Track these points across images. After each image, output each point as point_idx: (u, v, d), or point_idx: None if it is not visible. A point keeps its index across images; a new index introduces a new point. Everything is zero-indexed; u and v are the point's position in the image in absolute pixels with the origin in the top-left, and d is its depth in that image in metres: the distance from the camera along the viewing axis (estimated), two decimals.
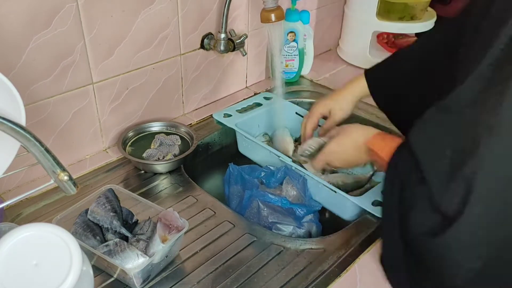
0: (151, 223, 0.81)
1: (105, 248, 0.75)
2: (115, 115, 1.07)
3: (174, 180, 1.01)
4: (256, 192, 0.96)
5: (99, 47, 0.97)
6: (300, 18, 1.36)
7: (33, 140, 0.52)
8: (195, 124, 1.21)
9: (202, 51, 1.18)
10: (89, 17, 0.92)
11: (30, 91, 0.90)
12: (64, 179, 0.54)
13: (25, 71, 0.87)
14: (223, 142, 1.21)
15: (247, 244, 0.86)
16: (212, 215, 0.92)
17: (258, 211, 0.94)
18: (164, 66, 1.12)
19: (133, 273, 0.72)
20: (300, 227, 0.93)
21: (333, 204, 0.97)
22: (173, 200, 0.96)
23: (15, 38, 0.84)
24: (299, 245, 0.86)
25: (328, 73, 1.50)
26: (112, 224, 0.78)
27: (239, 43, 1.20)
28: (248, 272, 0.80)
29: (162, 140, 1.07)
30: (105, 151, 1.09)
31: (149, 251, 0.75)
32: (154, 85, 1.12)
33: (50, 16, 0.87)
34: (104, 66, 0.99)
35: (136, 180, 1.01)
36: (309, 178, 0.97)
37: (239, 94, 1.35)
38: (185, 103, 1.22)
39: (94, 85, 1.00)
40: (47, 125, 0.95)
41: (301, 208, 0.95)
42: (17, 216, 0.89)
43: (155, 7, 1.03)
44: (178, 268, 0.80)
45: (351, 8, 1.51)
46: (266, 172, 1.02)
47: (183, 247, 0.84)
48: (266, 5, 0.98)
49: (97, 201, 0.81)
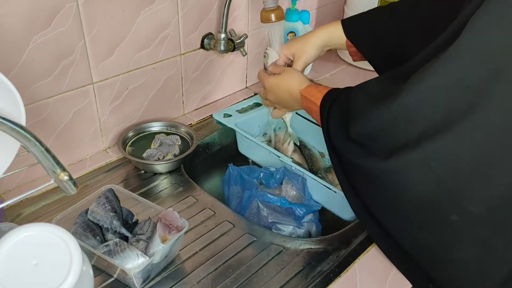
0: (151, 223, 0.81)
1: (105, 248, 0.75)
2: (115, 115, 1.07)
3: (174, 180, 1.01)
4: (256, 192, 0.96)
5: (99, 47, 0.97)
6: (300, 18, 1.36)
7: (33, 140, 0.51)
8: (195, 124, 1.21)
9: (202, 51, 1.18)
10: (89, 17, 0.92)
11: (30, 91, 0.90)
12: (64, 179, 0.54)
13: (25, 71, 0.87)
14: (223, 142, 1.21)
15: (247, 244, 0.86)
16: (212, 215, 0.92)
17: (257, 211, 0.94)
18: (164, 66, 1.12)
19: (133, 273, 0.72)
20: (300, 227, 0.93)
21: (333, 204, 0.97)
22: (173, 200, 0.96)
23: (15, 38, 0.84)
24: (299, 245, 0.86)
25: (328, 73, 1.50)
26: (112, 224, 0.78)
27: (239, 43, 1.20)
28: (248, 272, 0.80)
29: (162, 140, 1.07)
30: (105, 151, 1.09)
31: (149, 251, 0.75)
32: (154, 85, 1.12)
33: (50, 16, 0.87)
34: (104, 66, 0.99)
35: (136, 180, 1.01)
36: (309, 178, 0.97)
37: (239, 94, 1.35)
38: (185, 103, 1.22)
39: (94, 85, 1.00)
40: (47, 125, 0.95)
41: (300, 208, 0.95)
42: (17, 216, 0.89)
43: (155, 7, 1.03)
44: (178, 268, 0.80)
45: (351, 8, 1.51)
46: (265, 173, 1.02)
47: (183, 247, 0.84)
48: (266, 5, 0.98)
49: (97, 201, 0.81)
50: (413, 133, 0.63)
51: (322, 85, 0.87)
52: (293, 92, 0.90)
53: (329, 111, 0.78)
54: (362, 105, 0.70)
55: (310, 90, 0.86)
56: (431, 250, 0.70)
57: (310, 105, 0.85)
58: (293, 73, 0.93)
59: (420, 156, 0.62)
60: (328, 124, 0.78)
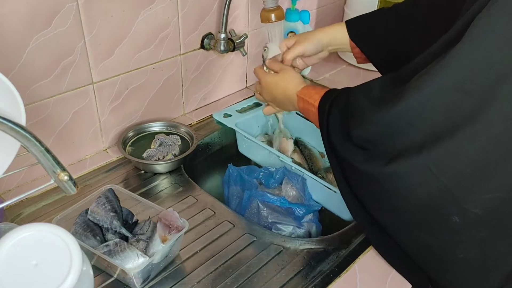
0: (151, 223, 0.81)
1: (105, 248, 0.75)
2: (115, 115, 1.07)
3: (174, 180, 1.01)
4: (256, 192, 0.96)
5: (99, 47, 0.97)
6: (300, 18, 1.36)
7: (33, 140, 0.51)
8: (195, 124, 1.21)
9: (202, 51, 1.18)
10: (89, 17, 0.92)
11: (30, 91, 0.90)
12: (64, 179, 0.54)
13: (25, 71, 0.87)
14: (223, 142, 1.21)
15: (247, 244, 0.86)
16: (212, 215, 0.92)
17: (257, 211, 0.94)
18: (164, 66, 1.12)
19: (133, 273, 0.72)
20: (300, 227, 0.93)
21: (333, 204, 0.97)
22: (173, 200, 0.96)
23: (15, 38, 0.84)
24: (299, 245, 0.86)
25: (328, 73, 1.50)
26: (112, 224, 0.78)
27: (239, 43, 1.20)
28: (248, 272, 0.80)
29: (162, 140, 1.07)
30: (105, 151, 1.09)
31: (149, 251, 0.75)
32: (154, 85, 1.12)
33: (50, 16, 0.87)
34: (104, 66, 0.99)
35: (136, 180, 1.01)
36: (309, 178, 0.97)
37: (239, 94, 1.35)
38: (185, 103, 1.22)
39: (94, 85, 1.00)
40: (47, 125, 0.95)
41: (300, 208, 0.95)
42: (17, 216, 0.89)
43: (155, 7, 1.03)
44: (178, 268, 0.80)
45: (351, 8, 1.51)
46: (264, 173, 1.02)
47: (183, 247, 0.84)
48: (266, 5, 0.98)
49: (97, 201, 0.81)
50: (415, 137, 0.62)
51: (319, 86, 0.87)
52: (288, 93, 0.90)
53: (329, 112, 0.78)
54: (363, 108, 0.70)
55: (307, 92, 0.86)
56: (432, 251, 0.70)
57: (308, 106, 0.84)
58: (290, 73, 0.92)
59: (422, 161, 0.62)
60: (329, 126, 0.77)
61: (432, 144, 0.61)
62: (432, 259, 0.71)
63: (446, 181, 0.61)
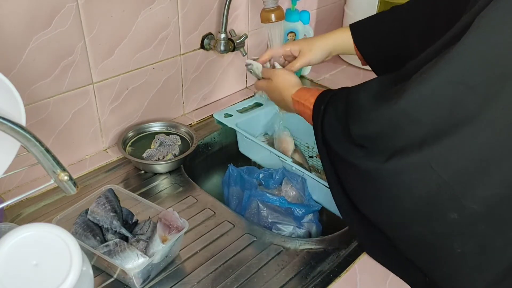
0: (151, 223, 0.81)
1: (105, 248, 0.75)
2: (115, 115, 1.07)
3: (174, 180, 1.01)
4: (255, 192, 0.96)
5: (99, 47, 0.97)
6: (300, 18, 1.36)
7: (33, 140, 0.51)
8: (195, 124, 1.21)
9: (202, 51, 1.18)
10: (89, 17, 0.92)
11: (30, 91, 0.90)
12: (64, 179, 0.54)
13: (25, 71, 0.87)
14: (223, 142, 1.21)
15: (247, 244, 0.86)
16: (212, 215, 0.92)
17: (257, 211, 0.94)
18: (164, 66, 1.12)
19: (133, 273, 0.72)
20: (300, 227, 0.93)
21: (333, 204, 0.96)
22: (173, 200, 0.96)
23: (15, 38, 0.84)
24: (299, 245, 0.86)
25: (328, 73, 1.50)
26: (112, 224, 0.78)
27: (239, 43, 1.20)
28: (248, 272, 0.80)
29: (162, 140, 1.07)
30: (105, 151, 1.09)
31: (149, 251, 0.75)
32: (154, 85, 1.12)
33: (50, 16, 0.87)
34: (104, 66, 0.99)
35: (136, 180, 1.01)
36: (308, 178, 0.97)
37: (239, 94, 1.35)
38: (185, 103, 1.22)
39: (94, 85, 1.00)
40: (47, 125, 0.95)
41: (299, 208, 0.95)
42: (17, 216, 0.89)
43: (155, 7, 1.03)
44: (178, 268, 0.80)
45: (351, 8, 1.51)
46: (264, 174, 1.02)
47: (183, 247, 0.84)
48: (266, 5, 0.98)
49: (97, 201, 0.81)
50: (416, 134, 0.62)
51: (315, 88, 0.87)
52: (284, 97, 0.90)
53: (325, 111, 0.77)
54: (364, 105, 0.70)
55: (302, 94, 0.85)
56: (430, 246, 0.70)
57: (303, 108, 0.84)
58: (282, 77, 0.92)
59: (423, 158, 0.62)
60: (323, 125, 0.77)
61: (433, 140, 0.61)
62: (429, 254, 0.71)
63: (446, 177, 0.61)
